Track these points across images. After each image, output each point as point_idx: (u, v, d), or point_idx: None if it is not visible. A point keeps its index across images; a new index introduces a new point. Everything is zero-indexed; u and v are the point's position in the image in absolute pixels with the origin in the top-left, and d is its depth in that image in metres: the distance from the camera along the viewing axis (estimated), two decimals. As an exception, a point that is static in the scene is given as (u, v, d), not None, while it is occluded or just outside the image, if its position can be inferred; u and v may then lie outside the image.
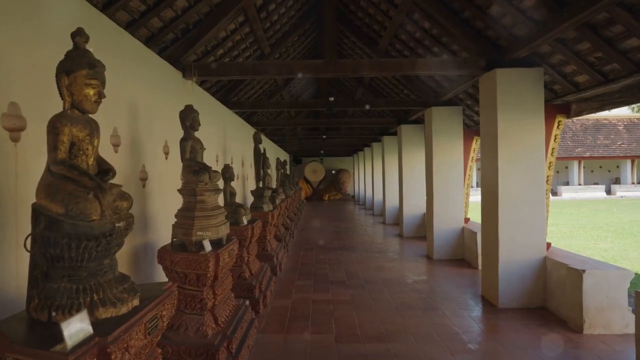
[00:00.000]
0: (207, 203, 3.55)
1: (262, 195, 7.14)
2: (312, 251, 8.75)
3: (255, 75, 5.27)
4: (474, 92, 6.95)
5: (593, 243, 10.36)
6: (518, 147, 4.94)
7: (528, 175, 4.94)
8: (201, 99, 6.07)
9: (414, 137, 10.55)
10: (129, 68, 3.75)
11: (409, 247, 9.08)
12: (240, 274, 5.06)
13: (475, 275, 6.54)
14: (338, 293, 5.66)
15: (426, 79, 7.71)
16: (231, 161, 7.91)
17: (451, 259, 7.73)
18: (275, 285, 6.02)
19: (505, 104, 4.94)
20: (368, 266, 7.26)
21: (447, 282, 6.20)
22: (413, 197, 10.58)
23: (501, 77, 4.94)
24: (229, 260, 3.71)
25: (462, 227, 7.78)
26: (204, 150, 3.85)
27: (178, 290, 3.40)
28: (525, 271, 4.93)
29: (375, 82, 10.13)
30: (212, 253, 3.34)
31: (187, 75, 5.15)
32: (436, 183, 7.79)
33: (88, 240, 1.67)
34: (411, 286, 5.96)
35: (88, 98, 1.78)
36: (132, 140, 3.76)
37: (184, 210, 3.56)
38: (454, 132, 7.77)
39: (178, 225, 3.50)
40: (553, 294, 4.77)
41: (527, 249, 4.94)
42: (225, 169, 5.36)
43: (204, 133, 6.14)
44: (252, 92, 9.30)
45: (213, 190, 3.62)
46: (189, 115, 3.68)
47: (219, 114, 7.19)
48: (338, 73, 5.11)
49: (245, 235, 5.00)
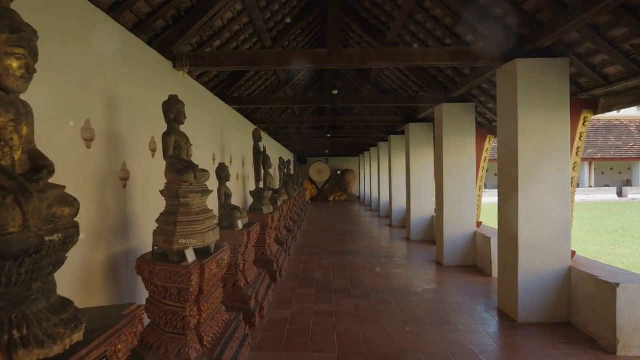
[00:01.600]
0: (192, 206, 3.13)
1: (261, 197, 6.72)
2: (315, 255, 8.32)
3: (252, 65, 4.86)
4: (489, 87, 6.49)
5: (611, 248, 9.84)
6: (541, 145, 4.47)
7: (551, 177, 4.47)
8: (195, 92, 5.67)
9: (422, 136, 10.09)
10: (108, 52, 3.34)
11: (417, 252, 8.62)
12: (235, 283, 4.64)
13: (489, 284, 6.08)
14: (342, 303, 5.22)
15: (436, 74, 7.25)
16: (230, 160, 7.50)
17: (462, 265, 7.26)
18: (274, 293, 5.59)
19: (526, 98, 4.48)
20: (374, 272, 6.82)
21: (460, 291, 5.74)
22: (421, 199, 10.12)
23: (522, 68, 4.48)
24: (218, 271, 3.29)
25: (474, 232, 7.32)
26: (191, 146, 3.43)
27: (158, 306, 2.99)
28: (548, 282, 4.47)
29: (382, 79, 9.69)
30: (196, 264, 2.92)
31: (178, 66, 4.74)
32: (447, 185, 7.33)
33: (3, 259, 1.24)
34: (421, 296, 5.51)
35: (10, 72, 1.36)
36: (110, 135, 3.35)
37: (165, 214, 3.14)
38: (466, 131, 7.31)
39: (159, 231, 3.09)
40: (579, 309, 4.31)
41: (550, 257, 4.47)
42: (220, 168, 4.95)
43: (199, 129, 5.76)
44: (253, 88, 8.89)
45: (199, 192, 3.20)
46: (172, 106, 3.26)
47: (216, 109, 6.78)
48: (343, 64, 4.69)
49: (241, 241, 4.58)
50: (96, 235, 3.07)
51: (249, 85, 8.57)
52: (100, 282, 3.12)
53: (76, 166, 2.87)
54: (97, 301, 3.04)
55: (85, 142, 2.99)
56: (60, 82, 2.72)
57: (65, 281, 2.69)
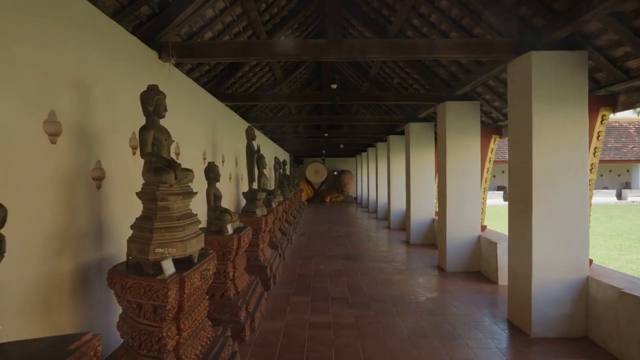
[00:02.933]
0: (172, 210, 2.76)
1: (254, 198, 6.35)
2: (311, 260, 7.95)
3: (244, 56, 4.49)
4: (496, 84, 6.14)
5: (617, 253, 9.52)
6: (557, 145, 4.13)
7: (568, 179, 4.13)
8: (184, 86, 5.29)
9: (423, 136, 9.74)
10: (80, 37, 2.97)
11: (417, 257, 8.27)
12: (224, 293, 4.26)
13: (496, 293, 5.73)
14: (340, 314, 4.85)
15: (439, 71, 6.91)
16: (222, 160, 7.13)
17: (466, 271, 6.92)
18: (267, 302, 5.22)
19: (541, 93, 4.13)
20: (373, 279, 6.45)
21: (465, 300, 5.38)
22: (421, 201, 9.78)
23: (537, 61, 4.13)
24: (202, 284, 2.92)
25: (478, 236, 6.97)
26: (172, 142, 3.06)
27: (131, 324, 2.62)
28: (564, 293, 4.12)
29: (382, 77, 9.34)
30: (174, 277, 2.55)
31: (164, 57, 4.37)
32: (450, 186, 6.98)
33: None
34: (424, 306, 5.15)
35: None
36: (82, 130, 2.98)
37: (141, 219, 2.76)
38: (471, 130, 6.96)
39: (133, 239, 2.71)
40: (598, 322, 3.96)
41: (567, 266, 4.13)
42: (209, 168, 4.58)
43: (188, 126, 5.37)
44: (247, 85, 8.52)
45: (181, 194, 2.83)
46: (151, 97, 2.89)
47: (208, 106, 6.40)
48: (343, 55, 4.33)
49: (230, 247, 4.21)
50: (61, 242, 2.70)
51: (243, 81, 8.20)
52: (66, 296, 2.74)
53: (37, 164, 2.49)
54: (60, 319, 2.66)
55: (49, 136, 2.61)
56: (18, 68, 2.34)
57: (20, 295, 2.33)
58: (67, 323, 2.75)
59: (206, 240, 4.20)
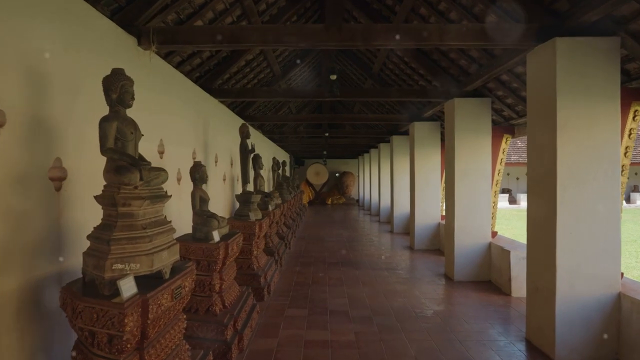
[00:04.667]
0: (137, 217, 2.31)
1: (248, 201, 5.89)
2: (310, 267, 7.48)
3: (233, 43, 4.04)
4: (509, 78, 5.67)
5: (635, 261, 9.02)
6: (585, 143, 3.65)
7: (598, 182, 3.65)
8: (169, 79, 4.84)
9: (429, 136, 9.27)
10: (38, 14, 2.52)
11: (422, 264, 7.79)
12: (209, 308, 3.80)
13: (509, 306, 5.25)
14: (339, 330, 4.38)
15: (448, 65, 6.44)
16: (215, 160, 6.68)
17: (475, 280, 6.44)
18: (259, 316, 4.76)
19: (567, 85, 3.66)
20: (376, 289, 5.98)
21: (477, 315, 4.90)
22: (426, 205, 9.31)
23: (562, 49, 3.66)
24: (175, 304, 2.46)
25: (489, 243, 6.49)
26: (142, 137, 2.60)
27: (85, 354, 2.16)
28: (592, 312, 3.64)
29: (385, 73, 8.88)
30: (134, 300, 2.09)
31: (144, 43, 3.92)
32: (458, 189, 6.50)
33: None
34: (432, 321, 4.68)
35: None
36: (36, 122, 2.53)
37: (100, 228, 2.31)
38: (481, 129, 6.49)
39: (90, 252, 2.26)
40: (632, 346, 3.48)
41: (596, 281, 3.65)
42: (195, 168, 4.13)
43: (174, 122, 4.86)
44: (244, 81, 8.07)
45: (148, 198, 2.37)
46: (115, 82, 2.43)
47: (198, 101, 5.95)
48: (344, 42, 3.87)
49: (216, 257, 3.75)
50: (4, 255, 2.25)
51: (239, 77, 7.76)
52: (11, 319, 2.29)
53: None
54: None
55: (-13, 127, 2.17)
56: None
57: None
58: (12, 354, 2.29)
59: (190, 248, 3.76)
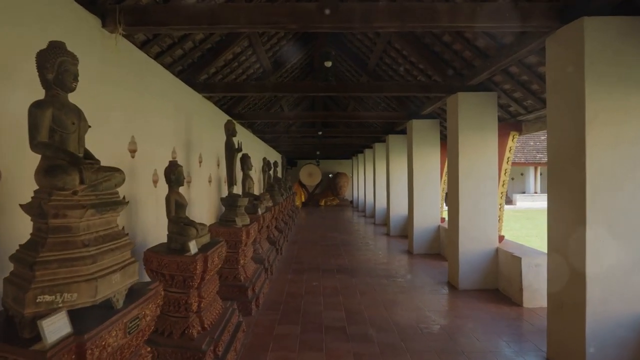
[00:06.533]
0: (76, 231, 1.77)
1: (235, 205, 5.36)
2: (302, 274, 6.96)
3: (212, 25, 3.52)
4: (519, 70, 5.20)
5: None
6: (621, 137, 3.17)
7: (636, 181, 3.18)
8: (141, 69, 4.28)
9: (427, 134, 8.78)
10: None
11: (423, 270, 7.30)
12: (185, 331, 3.26)
13: (522, 318, 4.78)
14: (336, 351, 3.86)
15: (451, 58, 5.96)
16: (200, 160, 6.13)
17: (482, 289, 5.95)
18: (245, 335, 4.22)
19: (598, 72, 3.18)
20: (375, 300, 5.47)
21: (489, 330, 4.41)
22: (425, 207, 8.83)
23: (592, 29, 3.18)
24: (129, 341, 1.93)
25: (496, 248, 6.02)
26: (88, 128, 2.06)
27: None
28: (630, 332, 3.16)
29: (381, 69, 8.39)
30: (64, 346, 1.55)
31: (110, 25, 3.38)
32: (463, 191, 6.02)
33: None
34: (439, 338, 4.18)
35: None
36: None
37: (25, 247, 1.78)
38: (486, 126, 6.01)
39: (12, 279, 1.72)
40: (676, 371, 3.02)
41: (631, 296, 3.17)
42: (170, 168, 3.61)
43: (149, 117, 4.20)
44: (232, 76, 7.53)
45: (93, 206, 1.84)
46: (51, 58, 1.90)
47: (179, 96, 5.41)
48: (340, 24, 3.37)
49: (192, 272, 3.21)
50: None
51: (226, 72, 7.21)
52: None
53: None
54: None
55: None
56: None
57: None
58: None
59: (163, 262, 3.23)
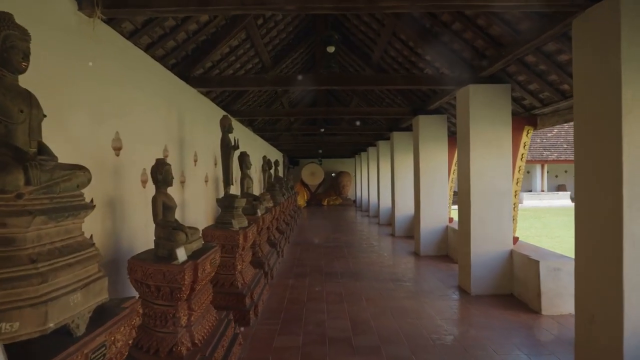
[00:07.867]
0: (21, 244, 1.43)
1: (231, 206, 5.01)
2: (304, 278, 6.62)
3: (201, 6, 3.19)
4: (536, 59, 4.83)
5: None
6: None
7: (679, 179, 2.82)
8: (127, 59, 3.93)
9: (435, 131, 8.42)
10: None
11: (431, 273, 6.94)
12: (173, 349, 2.92)
13: (541, 327, 4.42)
14: (340, 367, 3.53)
15: (461, 47, 5.60)
16: (194, 158, 5.80)
17: (495, 294, 5.58)
18: (242, 348, 3.88)
19: (635, 54, 2.83)
20: (382, 307, 5.13)
21: (507, 342, 4.04)
22: (433, 207, 8.47)
23: (630, 6, 2.83)
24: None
25: (510, 251, 5.65)
26: (43, 118, 1.72)
27: None
28: (672, 349, 2.81)
29: (386, 62, 8.02)
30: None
31: (87, 7, 3.04)
32: (475, 190, 5.65)
33: None
34: (454, 351, 3.83)
35: None
36: None
37: (-44, 263, 1.43)
38: (500, 120, 5.64)
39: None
40: None
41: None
42: (157, 167, 3.27)
43: (138, 113, 3.77)
44: (229, 70, 7.18)
45: (46, 213, 1.49)
46: (-8, 32, 1.56)
47: (172, 90, 5.08)
48: (343, 4, 3.03)
49: (180, 283, 2.87)
50: None
51: (223, 66, 6.87)
52: None
53: None
54: None
55: None
56: None
57: None
58: None
59: (148, 271, 2.89)
